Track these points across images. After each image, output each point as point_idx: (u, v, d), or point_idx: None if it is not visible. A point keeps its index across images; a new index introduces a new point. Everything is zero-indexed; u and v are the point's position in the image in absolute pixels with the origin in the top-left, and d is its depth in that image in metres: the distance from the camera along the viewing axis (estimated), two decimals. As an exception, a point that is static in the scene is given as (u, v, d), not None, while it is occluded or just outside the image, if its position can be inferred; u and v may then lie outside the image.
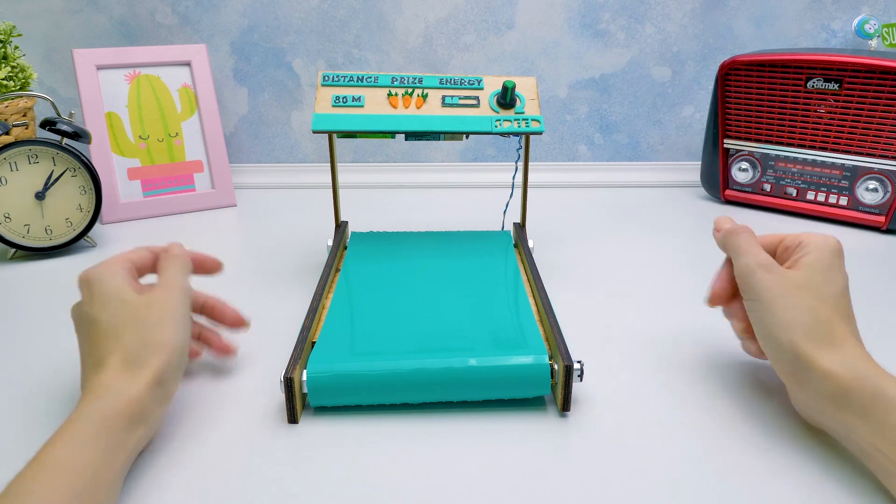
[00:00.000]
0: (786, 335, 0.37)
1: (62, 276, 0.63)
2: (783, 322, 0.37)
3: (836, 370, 0.35)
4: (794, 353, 0.36)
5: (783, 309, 0.37)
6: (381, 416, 0.41)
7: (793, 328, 0.37)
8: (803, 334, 0.36)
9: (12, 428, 0.40)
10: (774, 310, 0.38)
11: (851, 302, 0.39)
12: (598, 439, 0.39)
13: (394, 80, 0.59)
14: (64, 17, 0.90)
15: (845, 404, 0.34)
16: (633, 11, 0.90)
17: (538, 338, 0.44)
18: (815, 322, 0.37)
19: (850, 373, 0.34)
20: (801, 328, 0.37)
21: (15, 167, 0.65)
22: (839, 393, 0.34)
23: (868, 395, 0.33)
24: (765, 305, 0.38)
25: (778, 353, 0.38)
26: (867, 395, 0.33)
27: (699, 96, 0.94)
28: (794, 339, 0.36)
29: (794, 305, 0.37)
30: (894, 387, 0.33)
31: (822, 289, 0.38)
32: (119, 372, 0.35)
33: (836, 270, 0.39)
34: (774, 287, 0.38)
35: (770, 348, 0.39)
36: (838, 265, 0.39)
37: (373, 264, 0.57)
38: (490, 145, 0.97)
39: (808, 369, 0.36)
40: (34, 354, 0.49)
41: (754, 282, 0.39)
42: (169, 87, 0.83)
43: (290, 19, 0.91)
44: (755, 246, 0.41)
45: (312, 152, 0.98)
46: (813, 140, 0.77)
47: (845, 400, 0.34)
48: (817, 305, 0.37)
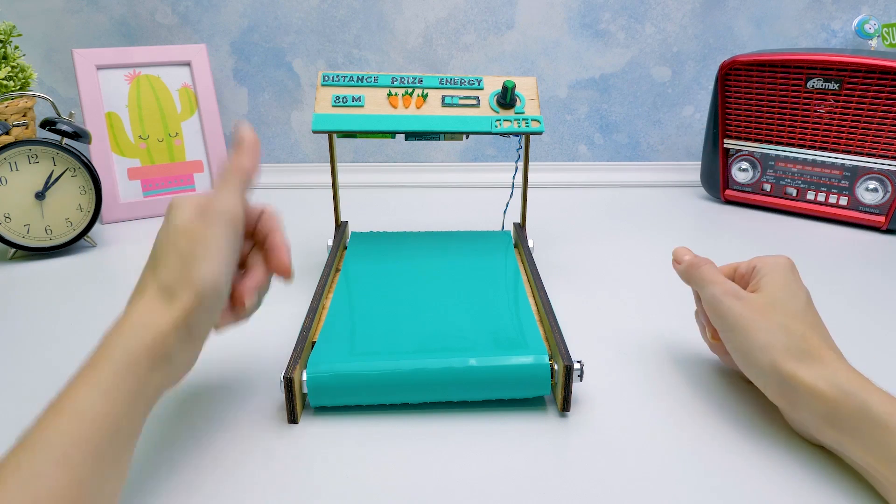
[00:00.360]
0: (766, 357, 0.37)
1: (62, 276, 0.63)
2: (760, 345, 0.37)
3: (820, 387, 0.35)
4: (777, 375, 0.37)
5: (757, 332, 0.38)
6: (381, 416, 0.41)
7: (771, 349, 0.37)
8: (782, 353, 0.37)
9: (12, 428, 0.40)
10: (749, 335, 0.38)
11: (818, 312, 0.39)
12: (598, 439, 0.39)
13: (394, 80, 0.59)
14: (64, 17, 0.90)
15: (835, 422, 0.34)
16: (633, 11, 0.90)
17: (538, 338, 0.44)
18: (790, 338, 0.37)
19: (835, 389, 0.34)
20: (778, 347, 0.37)
21: (15, 167, 0.65)
22: (828, 411, 0.35)
23: (854, 413, 0.33)
24: (739, 333, 0.39)
25: (763, 378, 0.38)
26: (853, 412, 0.33)
27: (699, 96, 0.94)
28: (774, 359, 0.37)
29: (766, 328, 0.38)
30: (879, 402, 0.33)
31: (788, 305, 0.38)
32: (153, 302, 0.33)
33: (796, 285, 0.40)
34: (744, 312, 0.39)
35: (754, 374, 0.39)
36: (795, 280, 0.40)
37: (373, 264, 0.57)
38: (490, 145, 0.97)
39: (795, 388, 0.36)
40: (34, 354, 0.49)
41: (724, 310, 0.40)
42: (169, 87, 0.83)
43: (290, 19, 0.91)
44: (718, 275, 0.42)
45: (312, 152, 0.98)
46: (813, 140, 0.77)
47: (835, 418, 0.34)
48: (788, 322, 0.38)
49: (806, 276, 0.42)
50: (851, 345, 0.50)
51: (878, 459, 0.32)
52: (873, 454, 0.33)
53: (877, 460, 0.33)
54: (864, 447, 0.33)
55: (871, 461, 0.33)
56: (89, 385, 0.30)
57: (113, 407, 0.30)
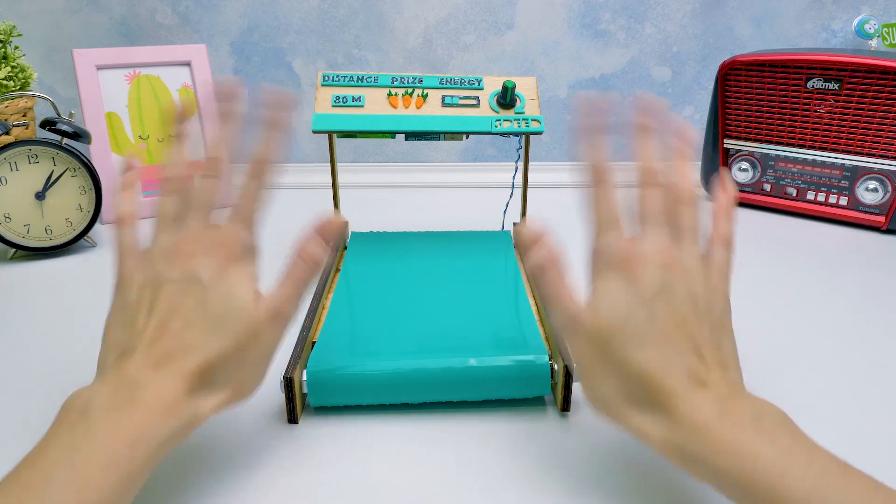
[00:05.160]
0: (603, 409, 0.32)
1: (62, 276, 0.63)
2: (594, 396, 0.32)
3: (666, 449, 0.29)
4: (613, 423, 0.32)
5: (591, 379, 0.32)
6: (381, 416, 0.41)
7: (606, 401, 0.31)
8: (618, 404, 0.31)
9: (12, 428, 0.40)
10: (585, 382, 0.33)
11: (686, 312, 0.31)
12: (598, 439, 0.39)
13: (394, 80, 0.59)
14: (64, 17, 0.90)
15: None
16: (633, 11, 0.90)
17: (538, 338, 0.44)
18: (626, 384, 0.30)
19: (680, 456, 0.29)
20: (613, 398, 0.31)
21: (15, 167, 0.65)
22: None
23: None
24: (579, 374, 0.33)
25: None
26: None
27: (699, 96, 0.94)
28: (609, 412, 0.31)
29: (600, 373, 0.31)
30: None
31: (625, 330, 0.30)
32: (178, 392, 0.30)
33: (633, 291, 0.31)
34: (577, 354, 0.32)
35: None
36: (633, 281, 0.31)
37: (373, 264, 0.57)
38: (490, 145, 0.97)
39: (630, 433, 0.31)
40: (34, 354, 0.49)
41: (567, 343, 0.33)
42: (169, 87, 0.83)
43: (290, 19, 0.91)
44: (560, 288, 0.33)
45: (312, 152, 0.98)
46: (813, 140, 0.77)
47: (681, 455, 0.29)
48: (623, 359, 0.30)
49: (806, 276, 0.42)
50: (851, 345, 0.50)
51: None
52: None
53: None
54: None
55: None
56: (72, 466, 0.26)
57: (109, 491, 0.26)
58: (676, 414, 0.28)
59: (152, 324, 0.31)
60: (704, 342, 0.30)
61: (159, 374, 0.29)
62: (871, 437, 0.39)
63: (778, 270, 0.64)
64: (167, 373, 0.29)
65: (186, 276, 0.31)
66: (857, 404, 0.43)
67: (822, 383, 0.45)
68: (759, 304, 0.57)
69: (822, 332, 0.52)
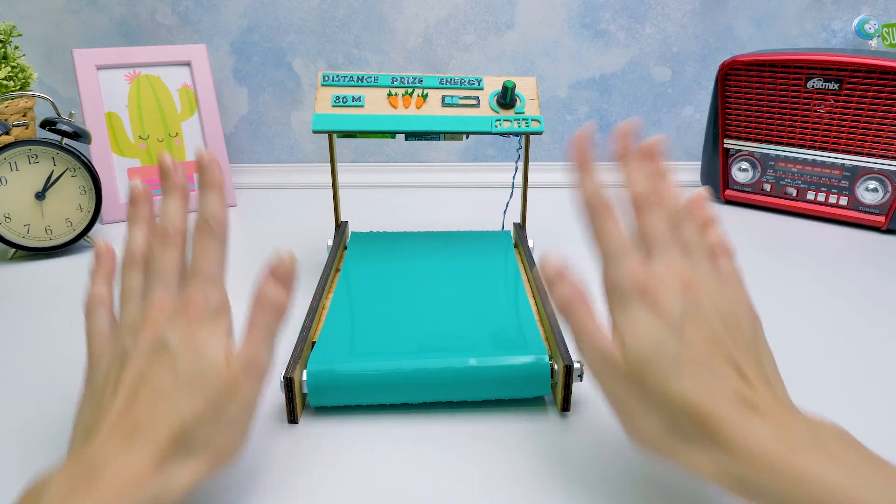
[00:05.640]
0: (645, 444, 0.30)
1: (62, 276, 0.63)
2: (636, 433, 0.31)
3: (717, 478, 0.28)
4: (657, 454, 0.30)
5: (628, 418, 0.31)
6: (381, 416, 0.41)
7: (648, 436, 0.30)
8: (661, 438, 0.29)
9: (11, 428, 0.40)
10: (621, 420, 0.31)
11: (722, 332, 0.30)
12: (598, 439, 0.39)
13: (394, 80, 0.59)
14: (64, 17, 0.90)
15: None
16: (633, 11, 0.90)
17: (538, 338, 0.44)
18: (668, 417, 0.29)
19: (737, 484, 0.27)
20: (655, 433, 0.29)
21: (15, 167, 0.65)
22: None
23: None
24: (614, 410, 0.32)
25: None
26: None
27: (699, 96, 0.94)
28: (653, 447, 0.30)
29: (638, 412, 0.30)
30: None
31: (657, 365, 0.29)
32: (149, 464, 0.28)
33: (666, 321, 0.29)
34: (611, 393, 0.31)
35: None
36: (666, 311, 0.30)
37: (373, 264, 0.57)
38: (490, 145, 0.97)
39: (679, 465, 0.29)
40: (34, 355, 0.49)
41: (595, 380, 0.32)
42: (169, 87, 0.83)
43: (290, 19, 0.91)
44: (590, 323, 0.32)
45: (312, 152, 0.98)
46: (813, 140, 0.77)
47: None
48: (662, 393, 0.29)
49: (806, 276, 0.42)
50: (851, 345, 0.50)
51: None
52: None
53: None
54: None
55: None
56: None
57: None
58: (730, 442, 0.26)
59: (119, 398, 0.29)
60: (743, 359, 0.29)
61: (125, 448, 0.27)
62: (871, 438, 0.39)
63: (778, 270, 0.64)
64: (134, 446, 0.27)
65: (153, 345, 0.30)
66: (857, 404, 0.43)
67: (823, 383, 0.45)
68: (759, 304, 0.56)
69: (822, 332, 0.52)
